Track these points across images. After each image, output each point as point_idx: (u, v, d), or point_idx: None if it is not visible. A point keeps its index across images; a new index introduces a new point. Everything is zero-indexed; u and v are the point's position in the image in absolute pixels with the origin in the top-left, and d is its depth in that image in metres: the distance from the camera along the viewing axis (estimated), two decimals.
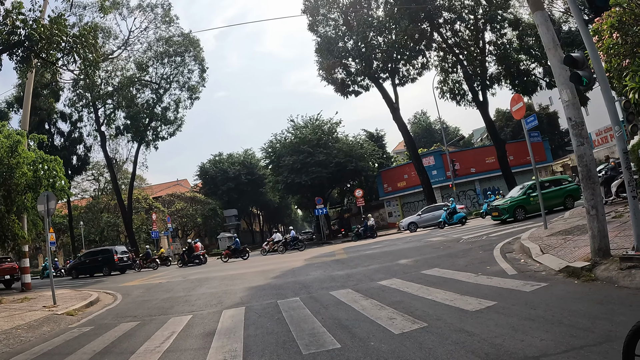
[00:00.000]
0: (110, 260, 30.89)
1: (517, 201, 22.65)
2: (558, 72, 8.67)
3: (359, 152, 47.77)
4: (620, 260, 7.15)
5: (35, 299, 15.37)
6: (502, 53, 36.33)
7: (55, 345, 8.29)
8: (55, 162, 19.76)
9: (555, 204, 22.69)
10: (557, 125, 56.53)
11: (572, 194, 22.82)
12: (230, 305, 10.38)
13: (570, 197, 22.79)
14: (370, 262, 15.40)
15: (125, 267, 31.62)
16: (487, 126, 39.85)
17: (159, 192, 66.86)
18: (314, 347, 5.86)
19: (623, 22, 10.01)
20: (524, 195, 22.85)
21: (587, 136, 8.63)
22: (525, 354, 4.55)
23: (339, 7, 37.07)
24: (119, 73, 42.15)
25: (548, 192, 22.26)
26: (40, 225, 20.18)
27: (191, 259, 32.22)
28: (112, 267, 30.86)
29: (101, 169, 57.01)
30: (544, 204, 20.45)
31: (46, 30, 13.32)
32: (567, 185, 23.26)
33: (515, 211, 22.30)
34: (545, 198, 20.92)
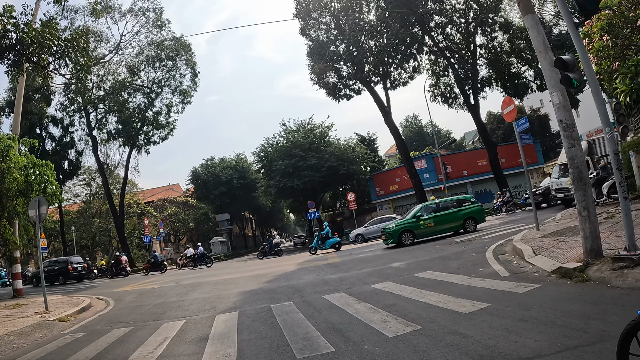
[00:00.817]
0: (65, 270, 32.24)
1: (404, 225, 21.17)
2: (549, 75, 8.71)
3: (351, 155, 47.82)
4: (613, 260, 7.19)
5: (27, 305, 15.26)
6: (493, 56, 36.56)
7: (48, 352, 8.22)
8: (46, 166, 19.64)
9: (453, 227, 21.15)
10: (548, 127, 56.82)
11: (473, 216, 21.13)
12: (224, 310, 10.35)
13: (471, 220, 21.04)
14: (363, 265, 15.40)
15: (80, 277, 33.12)
16: (479, 129, 40.05)
17: (151, 196, 66.60)
18: (307, 351, 5.85)
19: (613, 24, 10.10)
20: (413, 218, 21.32)
21: (578, 138, 8.68)
22: (519, 355, 4.56)
23: (330, 11, 37.10)
24: (110, 77, 42.02)
25: (446, 214, 21.25)
26: (31, 231, 20.04)
27: (118, 270, 33.86)
28: (67, 277, 32.30)
29: (93, 174, 56.70)
30: (440, 227, 20.79)
31: (37, 34, 13.25)
32: (468, 207, 21.46)
33: (401, 236, 20.78)
34: (442, 220, 20.97)
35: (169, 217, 57.08)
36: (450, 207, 21.65)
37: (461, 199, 22.71)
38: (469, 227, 20.84)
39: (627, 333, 3.00)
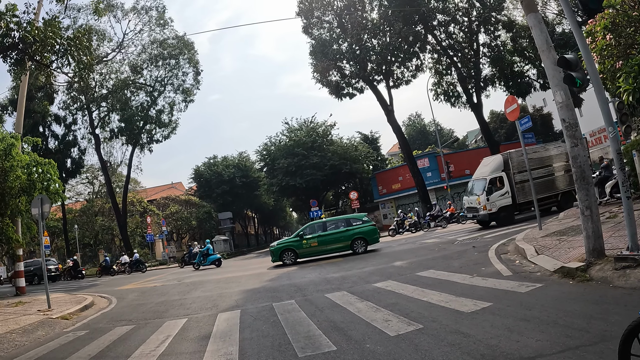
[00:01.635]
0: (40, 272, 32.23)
1: (286, 244, 20.91)
2: (552, 74, 8.69)
3: (353, 154, 47.79)
4: (615, 260, 7.17)
5: (29, 303, 15.28)
6: (496, 55, 36.43)
7: (50, 350, 8.25)
8: (49, 165, 19.66)
9: (340, 248, 20.31)
10: (551, 126, 56.65)
11: (363, 237, 20.15)
12: (226, 308, 10.36)
13: (361, 240, 20.11)
14: (365, 264, 15.39)
15: (54, 278, 33.53)
16: (482, 128, 39.95)
17: (154, 195, 66.61)
18: (309, 349, 5.85)
19: (616, 24, 10.07)
20: (296, 237, 20.97)
21: (581, 137, 8.66)
22: (520, 354, 4.56)
23: (333, 9, 37.07)
24: (113, 76, 42.04)
25: (332, 233, 20.38)
26: (34, 229, 20.06)
27: (76, 273, 34.57)
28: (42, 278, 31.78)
29: (95, 172, 56.78)
30: (324, 248, 20.33)
31: (40, 33, 13.26)
32: (358, 227, 20.41)
33: (283, 255, 20.41)
34: (327, 241, 20.30)
35: (172, 215, 57.07)
36: (339, 227, 20.76)
37: (352, 217, 21.73)
38: (358, 248, 20.03)
39: (628, 333, 2.99)
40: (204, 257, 28.29)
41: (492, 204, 20.98)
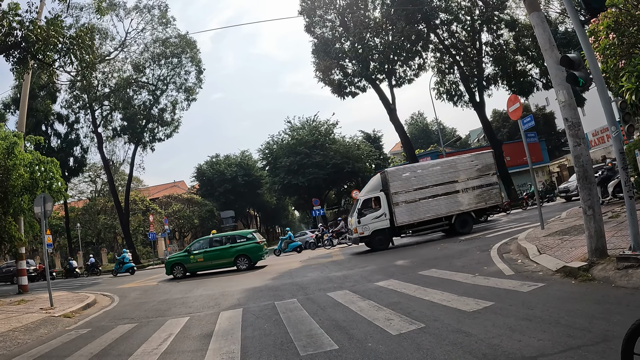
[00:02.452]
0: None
1: (176, 258, 21.50)
2: (554, 73, 8.68)
3: (355, 153, 47.81)
4: (617, 260, 7.17)
5: (32, 301, 15.32)
6: (499, 54, 36.38)
7: (53, 348, 8.26)
8: (51, 163, 19.67)
9: (225, 264, 20.68)
10: (554, 125, 56.59)
11: (246, 254, 20.42)
12: (228, 307, 10.38)
13: (244, 257, 20.41)
14: (367, 263, 15.40)
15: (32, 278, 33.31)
16: (484, 127, 39.88)
17: (156, 193, 66.75)
18: (311, 348, 5.86)
19: (619, 23, 10.03)
20: (185, 252, 21.50)
21: (584, 137, 8.65)
22: (522, 354, 4.55)
23: (335, 8, 37.06)
24: (115, 74, 41.99)
25: (217, 249, 20.75)
26: (37, 227, 20.09)
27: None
28: None
29: (98, 171, 56.91)
30: (211, 263, 20.74)
31: (43, 32, 13.27)
32: (242, 244, 20.63)
33: (173, 269, 21.01)
34: (213, 257, 20.65)
35: (174, 214, 57.16)
36: (224, 243, 21.03)
37: (238, 234, 21.93)
38: (241, 264, 20.33)
39: (631, 333, 2.99)
40: (120, 265, 29.93)
41: (365, 227, 19.58)
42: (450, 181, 19.81)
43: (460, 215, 19.74)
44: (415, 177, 19.76)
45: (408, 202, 19.53)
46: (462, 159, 20.37)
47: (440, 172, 19.89)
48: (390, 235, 20.02)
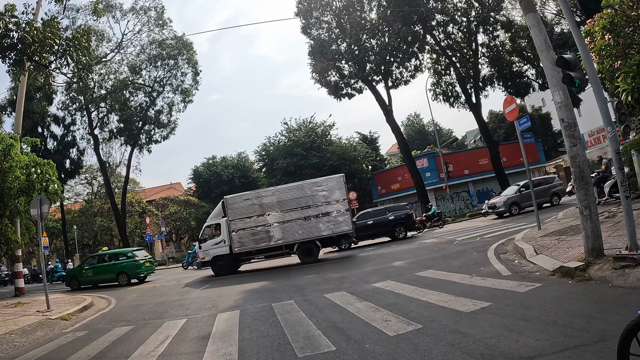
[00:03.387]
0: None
1: (73, 273, 24.04)
2: (550, 74, 8.71)
3: (352, 154, 47.74)
4: (614, 260, 7.18)
5: (28, 304, 15.28)
6: (495, 55, 36.44)
7: (49, 350, 8.25)
8: (48, 165, 19.63)
9: (110, 279, 22.40)
10: (550, 126, 56.72)
11: (124, 271, 22.25)
12: (225, 308, 10.37)
13: (123, 274, 22.23)
14: (364, 264, 15.40)
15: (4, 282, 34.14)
16: (480, 128, 39.94)
17: (153, 195, 66.55)
18: (309, 349, 5.86)
19: (615, 23, 10.06)
20: (79, 267, 23.97)
21: (580, 137, 8.67)
22: (520, 354, 4.57)
23: (332, 10, 37.04)
24: (112, 76, 41.93)
25: (103, 265, 22.71)
26: (33, 230, 20.05)
27: None
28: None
29: (94, 173, 56.69)
30: (99, 277, 22.59)
31: (39, 33, 13.23)
32: (122, 262, 22.56)
33: (70, 282, 23.37)
34: (99, 272, 22.55)
35: (171, 215, 57.02)
36: (110, 260, 23.13)
37: (120, 252, 23.98)
38: (122, 280, 22.15)
39: (627, 333, 3.00)
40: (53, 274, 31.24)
41: (206, 253, 20.09)
42: (293, 208, 19.46)
43: (304, 244, 19.58)
44: (255, 204, 19.74)
45: (246, 230, 19.55)
46: (308, 185, 19.98)
47: (283, 199, 19.60)
48: (230, 261, 20.03)
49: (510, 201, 25.74)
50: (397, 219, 24.77)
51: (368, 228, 24.75)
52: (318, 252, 19.82)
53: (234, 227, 19.53)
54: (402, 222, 24.73)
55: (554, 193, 26.68)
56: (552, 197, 26.54)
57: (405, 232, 24.76)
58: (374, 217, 25.36)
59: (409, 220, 25.07)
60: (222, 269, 19.83)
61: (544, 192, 26.25)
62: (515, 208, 25.55)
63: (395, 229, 24.67)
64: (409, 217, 25.06)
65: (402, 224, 24.73)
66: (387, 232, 24.92)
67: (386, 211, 25.73)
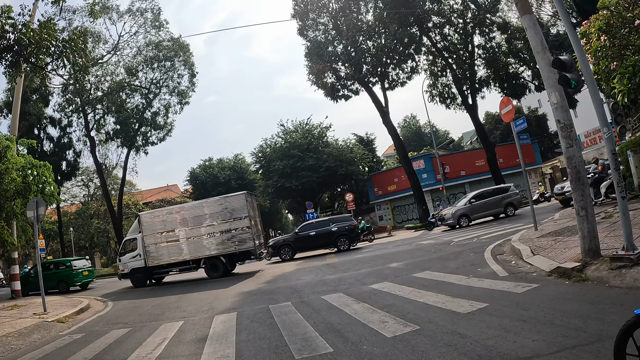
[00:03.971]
0: None
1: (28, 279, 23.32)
2: (547, 75, 8.73)
3: (349, 156, 47.79)
4: (611, 260, 7.20)
5: (25, 306, 15.24)
6: (491, 56, 36.54)
7: (46, 353, 8.22)
8: (44, 167, 19.59)
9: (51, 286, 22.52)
10: (546, 127, 56.85)
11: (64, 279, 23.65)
12: (222, 310, 10.36)
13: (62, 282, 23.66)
14: (361, 265, 15.40)
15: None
16: (477, 129, 39.99)
17: (149, 197, 66.46)
18: (306, 351, 5.85)
19: (611, 25, 10.11)
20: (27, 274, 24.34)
21: (576, 138, 8.69)
22: (517, 354, 4.57)
23: (328, 11, 37.06)
24: (108, 78, 41.80)
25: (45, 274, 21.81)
26: (29, 232, 20.02)
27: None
28: None
29: (91, 175, 56.48)
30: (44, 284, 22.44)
31: (35, 35, 13.21)
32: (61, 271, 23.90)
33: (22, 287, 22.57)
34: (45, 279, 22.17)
35: None
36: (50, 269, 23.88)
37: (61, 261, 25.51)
38: (62, 288, 23.56)
39: (623, 333, 3.00)
40: None
41: (125, 265, 21.02)
42: (198, 225, 20.32)
43: (210, 259, 20.27)
44: (166, 220, 20.70)
45: (158, 244, 20.53)
46: (211, 202, 20.93)
47: (190, 216, 20.51)
48: (146, 274, 20.96)
49: (458, 213, 25.61)
50: (340, 231, 24.75)
51: (311, 239, 24.93)
52: (224, 267, 20.37)
53: (148, 242, 20.62)
54: (345, 234, 24.78)
55: (508, 204, 26.28)
56: (507, 208, 26.11)
57: (348, 244, 24.74)
58: (316, 228, 25.47)
59: (353, 231, 25.17)
60: (139, 282, 20.94)
61: (497, 202, 26.17)
62: (464, 220, 25.38)
63: (339, 240, 24.66)
64: (352, 229, 25.15)
65: (345, 236, 24.76)
66: (330, 243, 24.91)
67: (330, 222, 25.76)
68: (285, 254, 24.65)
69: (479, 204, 25.64)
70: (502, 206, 26.06)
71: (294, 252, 24.90)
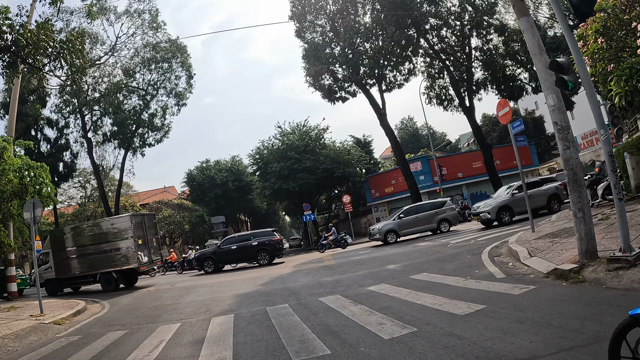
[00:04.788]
0: None
1: None
2: (544, 77, 8.74)
3: (346, 158, 47.77)
4: (608, 261, 7.21)
5: (21, 308, 15.18)
6: (488, 58, 36.60)
7: (43, 355, 8.20)
8: (41, 168, 19.54)
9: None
10: (543, 129, 57.06)
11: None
12: (219, 312, 10.34)
13: None
14: (358, 267, 15.39)
15: None
16: (474, 131, 40.06)
17: (146, 199, 66.47)
18: (304, 353, 5.85)
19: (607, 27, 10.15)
20: None
21: (573, 140, 8.71)
22: (515, 356, 4.57)
23: (326, 13, 37.10)
24: (105, 79, 41.83)
25: None
26: (26, 233, 19.98)
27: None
28: None
29: (88, 176, 56.39)
30: None
31: (33, 36, 13.16)
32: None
33: None
34: None
35: (164, 219, 56.91)
36: None
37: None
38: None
39: (617, 334, 3.00)
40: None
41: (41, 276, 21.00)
42: (94, 243, 21.63)
43: (104, 274, 21.60)
44: (69, 237, 22.33)
45: (63, 259, 22.20)
46: (104, 222, 22.69)
47: (88, 233, 21.98)
48: (57, 285, 22.60)
49: (385, 229, 25.21)
50: (260, 245, 25.08)
51: (232, 253, 25.45)
52: (116, 282, 21.72)
53: (57, 256, 22.37)
54: (265, 248, 25.15)
55: (442, 219, 25.34)
56: (440, 224, 25.14)
57: (269, 259, 25.14)
58: (237, 242, 25.87)
59: (273, 246, 25.45)
60: (52, 291, 22.36)
61: (429, 218, 25.49)
62: (392, 236, 24.88)
63: (259, 254, 24.99)
64: (273, 244, 25.43)
65: (265, 250, 25.16)
66: (250, 257, 25.30)
67: (251, 236, 26.08)
68: (208, 266, 25.72)
69: (409, 220, 25.19)
70: (435, 222, 25.28)
71: (216, 265, 25.69)
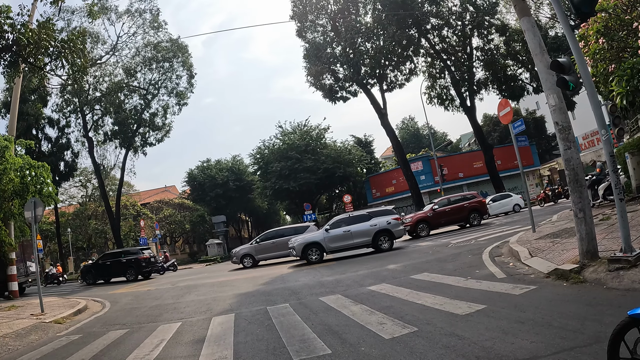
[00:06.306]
0: None
1: None
2: (545, 77, 8.74)
3: (347, 157, 47.83)
4: (609, 262, 7.20)
5: (22, 307, 15.18)
6: (489, 58, 36.66)
7: (44, 354, 8.19)
8: (42, 168, 19.56)
9: None
10: (544, 129, 57.06)
11: None
12: (220, 312, 10.33)
13: None
14: (359, 267, 15.38)
15: None
16: (475, 131, 40.11)
17: (147, 198, 66.43)
18: (304, 353, 5.84)
19: (609, 27, 10.15)
20: None
21: (574, 140, 8.70)
22: (515, 356, 4.57)
23: (327, 13, 37.14)
24: (107, 78, 41.85)
25: None
26: (27, 232, 20.00)
27: None
28: None
29: (89, 175, 56.47)
30: None
31: (34, 35, 13.17)
32: None
33: None
34: None
35: (165, 219, 56.91)
36: None
37: None
38: None
39: (615, 336, 3.00)
40: None
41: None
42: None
43: None
44: None
45: None
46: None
47: None
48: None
49: (242, 253, 25.13)
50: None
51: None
52: None
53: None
54: (132, 265, 26.43)
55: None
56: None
57: (144, 274, 26.43)
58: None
59: (141, 262, 26.37)
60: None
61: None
62: (248, 260, 24.61)
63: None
64: (139, 260, 26.44)
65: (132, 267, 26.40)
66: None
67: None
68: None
69: (262, 246, 25.10)
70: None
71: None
